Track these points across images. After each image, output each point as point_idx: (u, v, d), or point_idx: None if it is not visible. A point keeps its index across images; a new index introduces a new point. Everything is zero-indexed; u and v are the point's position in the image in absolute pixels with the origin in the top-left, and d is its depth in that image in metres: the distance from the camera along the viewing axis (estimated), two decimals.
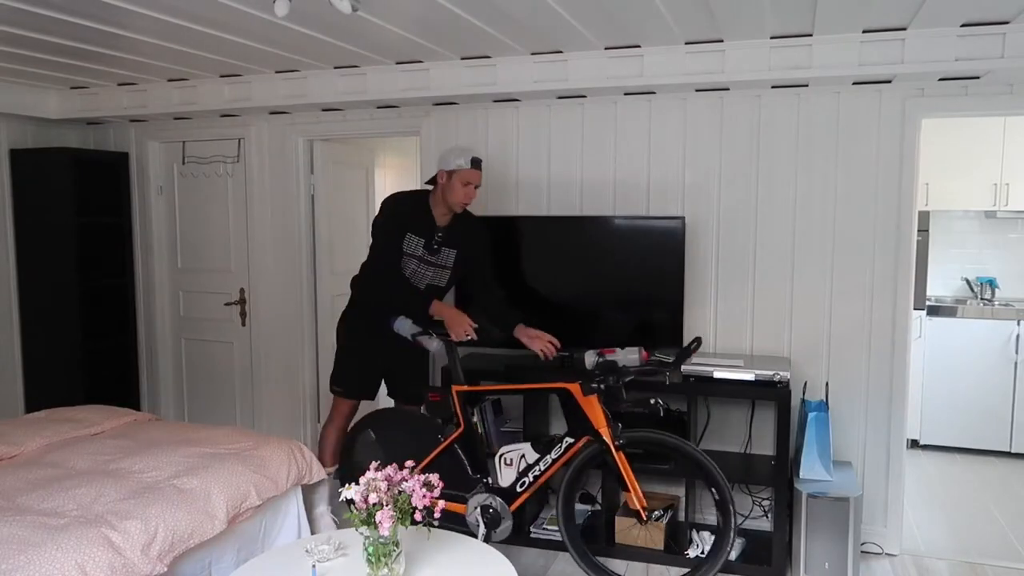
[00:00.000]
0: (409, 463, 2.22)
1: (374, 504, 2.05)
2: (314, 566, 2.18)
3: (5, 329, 4.56)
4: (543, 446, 3.12)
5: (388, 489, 2.08)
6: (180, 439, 3.07)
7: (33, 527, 2.23)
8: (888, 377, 3.49)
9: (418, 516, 2.10)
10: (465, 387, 3.25)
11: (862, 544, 3.37)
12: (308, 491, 3.17)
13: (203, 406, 4.81)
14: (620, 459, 2.94)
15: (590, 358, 3.13)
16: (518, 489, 3.11)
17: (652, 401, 3.23)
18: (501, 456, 3.18)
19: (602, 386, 2.95)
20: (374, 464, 2.17)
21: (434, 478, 2.16)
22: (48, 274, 4.49)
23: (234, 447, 2.98)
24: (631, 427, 3.08)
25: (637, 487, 2.93)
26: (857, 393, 3.53)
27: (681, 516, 3.62)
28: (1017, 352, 4.74)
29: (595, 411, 2.96)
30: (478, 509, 3.12)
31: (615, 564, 3.35)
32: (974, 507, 4.07)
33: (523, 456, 3.14)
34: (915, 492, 4.24)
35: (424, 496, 2.09)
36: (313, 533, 3.06)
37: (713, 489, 2.90)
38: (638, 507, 2.94)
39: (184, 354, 4.84)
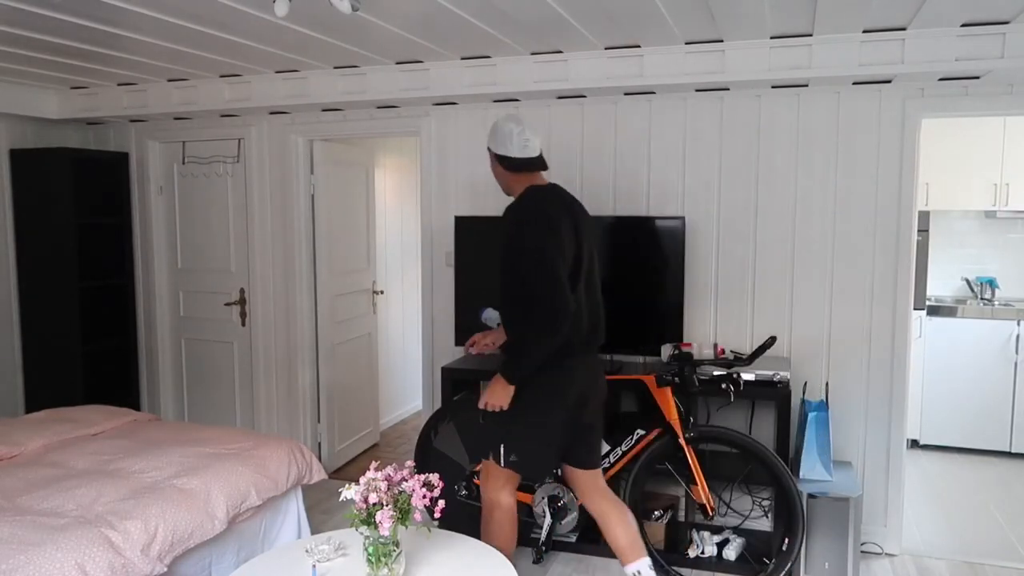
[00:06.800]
0: (409, 463, 2.22)
1: (374, 504, 2.04)
2: (314, 566, 2.18)
3: (5, 329, 4.56)
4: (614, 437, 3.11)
5: (388, 489, 2.08)
6: (180, 439, 3.07)
7: (33, 527, 2.23)
8: (888, 377, 3.48)
9: (418, 516, 2.10)
10: None
11: (862, 544, 3.37)
12: (308, 491, 3.17)
13: (203, 406, 4.81)
14: (689, 452, 2.95)
15: (666, 351, 3.14)
16: None
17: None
18: None
19: (676, 378, 2.96)
20: (374, 464, 2.17)
21: (434, 478, 2.16)
22: (48, 274, 4.48)
23: (234, 447, 2.99)
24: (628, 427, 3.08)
25: (704, 481, 2.94)
26: (857, 393, 3.53)
27: (681, 516, 3.61)
28: (1017, 352, 4.74)
29: (668, 403, 2.99)
30: (545, 499, 3.10)
31: (615, 565, 3.34)
32: (974, 507, 4.06)
33: None
34: (915, 492, 4.23)
35: (424, 496, 2.09)
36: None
37: (778, 490, 2.90)
38: (704, 501, 2.96)
39: (184, 354, 4.83)
